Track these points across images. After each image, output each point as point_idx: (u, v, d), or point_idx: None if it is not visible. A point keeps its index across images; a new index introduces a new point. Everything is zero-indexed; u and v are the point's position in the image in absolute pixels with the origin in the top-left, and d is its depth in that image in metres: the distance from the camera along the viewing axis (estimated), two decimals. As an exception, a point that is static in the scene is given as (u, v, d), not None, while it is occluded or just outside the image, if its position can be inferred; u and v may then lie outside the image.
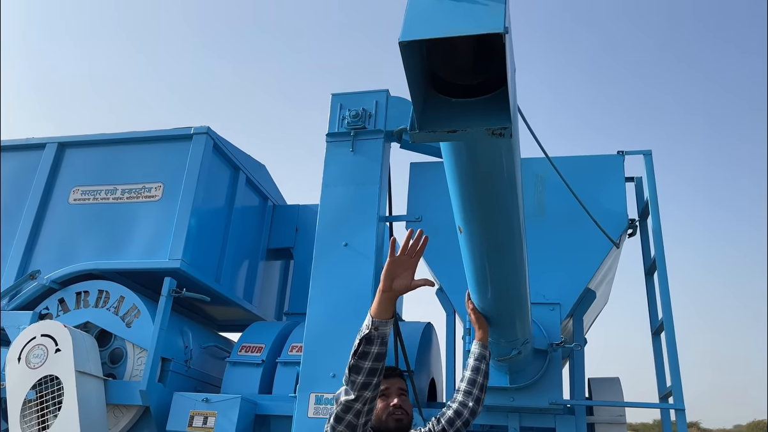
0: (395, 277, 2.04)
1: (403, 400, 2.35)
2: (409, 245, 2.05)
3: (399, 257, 2.05)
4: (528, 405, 3.51)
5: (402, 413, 2.32)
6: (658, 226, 3.83)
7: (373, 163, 4.10)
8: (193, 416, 3.92)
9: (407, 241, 2.04)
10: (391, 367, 2.42)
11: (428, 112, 1.84)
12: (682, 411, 3.35)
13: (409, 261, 2.06)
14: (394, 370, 2.45)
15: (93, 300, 4.44)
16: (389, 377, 2.37)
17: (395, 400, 2.33)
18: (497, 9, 1.66)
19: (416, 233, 2.06)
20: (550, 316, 3.62)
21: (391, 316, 2.06)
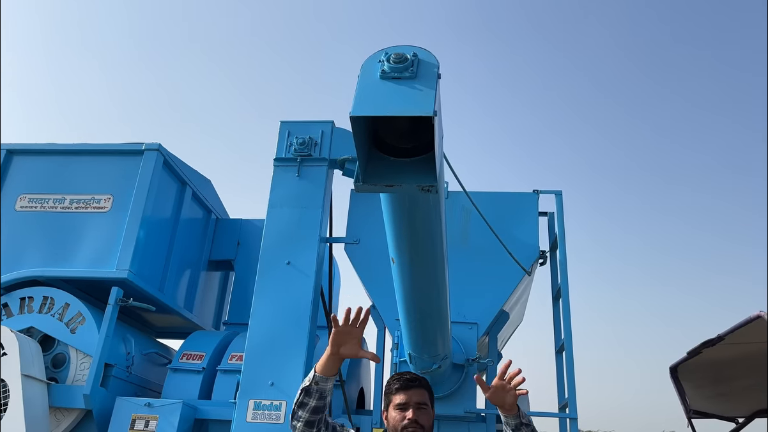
0: (341, 344, 2.17)
1: (419, 414, 2.27)
2: (350, 320, 2.17)
3: (343, 327, 2.16)
4: (446, 413, 3.97)
5: (416, 427, 2.25)
6: (564, 257, 4.39)
7: (317, 189, 4.46)
8: (135, 419, 4.15)
9: (347, 316, 2.17)
10: (414, 378, 2.38)
11: (370, 168, 2.26)
12: (574, 419, 3.89)
13: (354, 330, 2.17)
14: (415, 381, 2.37)
15: (37, 306, 4.59)
16: (409, 389, 2.33)
17: (410, 414, 2.27)
18: (429, 95, 2.10)
19: (355, 311, 2.17)
20: (468, 334, 4.10)
21: (334, 374, 2.20)
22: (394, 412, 2.31)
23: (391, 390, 2.35)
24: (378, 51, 2.30)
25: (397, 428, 2.27)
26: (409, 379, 2.35)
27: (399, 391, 2.32)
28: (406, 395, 2.30)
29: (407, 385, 2.32)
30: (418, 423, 2.26)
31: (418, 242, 2.62)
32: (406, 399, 2.30)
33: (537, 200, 4.58)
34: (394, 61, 2.18)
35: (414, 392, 2.32)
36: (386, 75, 2.17)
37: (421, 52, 2.25)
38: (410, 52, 2.24)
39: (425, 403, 2.32)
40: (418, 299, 3.00)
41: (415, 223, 2.49)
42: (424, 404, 2.31)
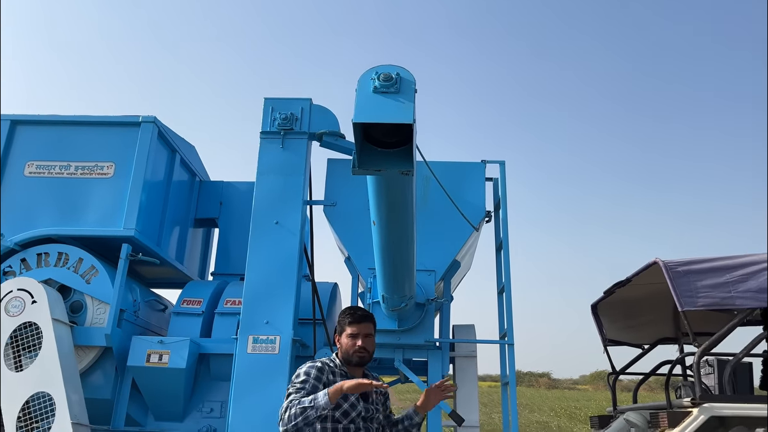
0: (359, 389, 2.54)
1: (367, 342, 2.80)
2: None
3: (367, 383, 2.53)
4: (409, 342, 4.92)
5: (364, 353, 2.79)
6: (505, 216, 5.34)
7: (299, 158, 5.21)
8: (150, 354, 4.95)
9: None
10: (364, 314, 2.88)
11: (363, 157, 3.08)
12: (511, 345, 4.91)
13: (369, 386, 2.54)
14: (365, 317, 2.86)
15: (53, 261, 5.25)
16: (360, 322, 2.83)
17: (360, 342, 2.79)
18: (409, 107, 2.92)
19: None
20: (428, 279, 5.02)
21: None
22: (347, 339, 2.82)
23: (345, 321, 2.86)
24: (369, 69, 3.09)
25: (349, 352, 2.80)
26: (361, 315, 2.86)
27: (351, 324, 2.84)
28: (357, 327, 2.82)
29: (358, 320, 2.84)
30: (366, 349, 2.80)
31: (395, 210, 3.46)
32: (357, 331, 2.81)
33: (484, 169, 5.47)
34: (382, 80, 2.98)
35: (363, 325, 2.83)
36: (377, 90, 2.96)
37: (402, 71, 3.05)
38: (394, 71, 3.03)
39: (371, 334, 2.86)
40: (393, 253, 3.86)
41: (394, 196, 3.32)
42: (369, 334, 2.85)
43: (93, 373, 5.09)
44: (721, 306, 4.72)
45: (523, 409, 18.29)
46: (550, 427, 15.88)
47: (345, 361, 2.85)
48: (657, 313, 6.33)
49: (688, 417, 4.44)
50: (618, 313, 6.43)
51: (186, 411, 5.15)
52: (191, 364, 5.01)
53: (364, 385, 2.52)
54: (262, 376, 4.58)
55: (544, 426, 16.03)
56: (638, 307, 6.31)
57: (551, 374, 35.07)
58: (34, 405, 4.53)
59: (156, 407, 5.13)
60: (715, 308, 4.76)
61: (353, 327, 2.84)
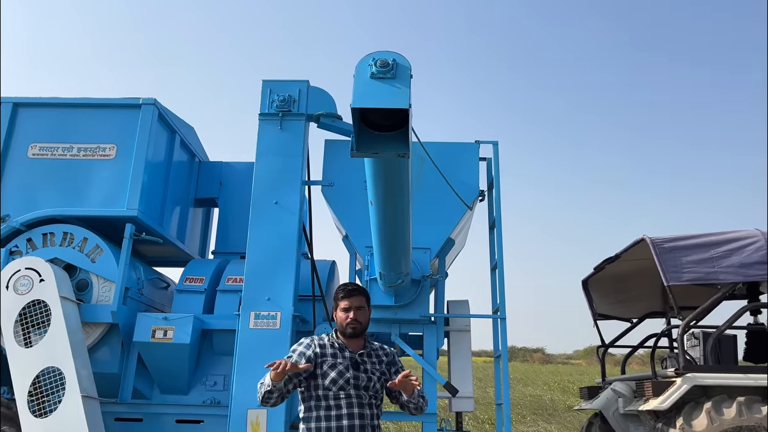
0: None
1: (359, 314, 2.98)
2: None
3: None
4: (405, 317, 5.10)
5: (356, 324, 2.97)
6: (498, 195, 5.49)
7: (297, 140, 5.34)
8: (155, 330, 5.12)
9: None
10: (354, 288, 3.05)
11: (361, 140, 3.21)
12: (504, 319, 5.10)
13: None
14: (356, 290, 3.04)
15: (58, 240, 5.39)
16: (351, 296, 3.00)
17: (352, 315, 2.97)
18: (405, 92, 3.05)
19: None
20: (423, 256, 5.18)
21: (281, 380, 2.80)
22: (341, 313, 2.99)
23: (338, 297, 3.03)
24: (367, 55, 3.22)
25: (343, 325, 2.98)
26: (351, 289, 3.02)
27: (343, 298, 3.01)
28: (348, 301, 2.99)
29: (349, 294, 3.01)
30: (357, 320, 2.98)
31: (391, 191, 3.60)
32: (349, 304, 2.99)
33: (478, 149, 5.60)
34: (379, 66, 3.10)
35: (354, 299, 3.00)
36: (375, 76, 3.09)
37: (398, 57, 3.18)
38: (390, 57, 3.16)
39: (362, 306, 3.02)
40: (389, 232, 4.01)
41: (390, 177, 3.46)
42: (361, 307, 3.01)
43: (100, 349, 5.26)
44: (705, 280, 4.91)
45: (517, 383, 18.65)
46: (543, 399, 16.19)
47: (342, 334, 3.02)
48: (645, 288, 6.53)
49: (672, 386, 4.65)
50: (608, 288, 6.64)
51: (190, 384, 5.34)
52: (195, 339, 5.18)
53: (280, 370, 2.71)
54: (263, 351, 4.76)
55: (537, 399, 16.34)
56: (627, 282, 6.51)
57: (545, 349, 35.61)
58: (45, 379, 4.71)
59: (161, 381, 5.32)
60: (700, 282, 4.95)
61: (345, 301, 3.01)
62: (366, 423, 2.92)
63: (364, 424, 2.91)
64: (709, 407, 4.52)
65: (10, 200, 5.54)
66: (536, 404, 15.25)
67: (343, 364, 2.95)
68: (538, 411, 14.55)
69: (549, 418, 13.86)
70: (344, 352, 3.00)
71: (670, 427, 4.55)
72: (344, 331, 3.01)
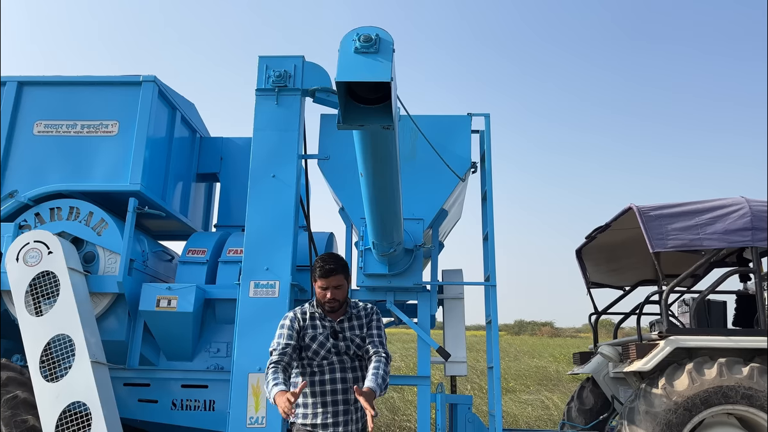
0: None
1: (336, 293, 3.11)
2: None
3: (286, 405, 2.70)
4: (399, 285, 5.28)
5: (334, 303, 3.13)
6: (489, 167, 5.62)
7: (293, 114, 5.47)
8: (160, 299, 5.33)
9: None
10: (330, 269, 3.12)
11: (347, 113, 3.36)
12: (494, 287, 5.28)
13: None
14: (332, 271, 3.12)
15: (65, 215, 5.59)
16: (327, 276, 3.10)
17: (329, 295, 3.11)
18: (386, 66, 3.18)
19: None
20: (416, 227, 5.34)
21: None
22: (318, 290, 3.14)
23: (315, 274, 3.15)
24: (351, 30, 3.34)
25: (321, 302, 3.15)
26: (328, 269, 3.10)
27: (320, 277, 3.12)
28: (325, 281, 3.10)
29: (326, 274, 3.10)
30: (335, 299, 3.12)
31: (379, 162, 3.75)
32: (326, 284, 3.11)
33: (470, 121, 5.72)
34: (363, 41, 3.23)
35: (331, 279, 3.10)
36: (358, 51, 3.22)
37: (381, 32, 3.30)
38: (374, 33, 3.28)
39: (340, 284, 3.12)
40: (379, 202, 4.17)
41: (378, 149, 3.61)
42: (339, 285, 3.12)
43: (108, 318, 5.49)
44: (689, 247, 5.05)
45: (524, 355, 18.95)
46: (548, 370, 16.46)
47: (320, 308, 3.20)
48: (637, 256, 6.69)
49: (655, 348, 4.83)
50: (601, 257, 6.80)
51: (195, 351, 5.57)
52: (198, 308, 5.39)
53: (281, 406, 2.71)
54: (263, 318, 4.97)
55: (542, 370, 16.61)
56: (619, 251, 6.67)
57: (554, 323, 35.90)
58: (56, 346, 4.94)
59: (167, 348, 5.55)
60: (684, 249, 5.09)
61: (322, 281, 3.13)
62: (348, 386, 3.15)
63: (347, 387, 3.15)
64: (690, 368, 4.70)
65: (17, 176, 5.73)
66: (541, 375, 15.51)
67: (323, 334, 3.16)
68: (543, 381, 14.82)
69: (553, 387, 14.13)
70: (324, 322, 3.19)
71: (653, 387, 4.73)
72: (321, 307, 3.20)
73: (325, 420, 3.12)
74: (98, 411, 4.69)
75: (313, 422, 3.13)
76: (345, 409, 3.15)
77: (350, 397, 3.17)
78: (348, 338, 3.20)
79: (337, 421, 3.12)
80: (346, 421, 3.13)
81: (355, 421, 3.19)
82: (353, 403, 3.18)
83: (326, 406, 3.14)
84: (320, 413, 3.13)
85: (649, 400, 4.67)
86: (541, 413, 11.04)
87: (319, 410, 3.13)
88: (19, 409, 4.75)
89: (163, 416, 5.45)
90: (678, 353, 4.88)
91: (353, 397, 3.17)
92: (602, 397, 6.18)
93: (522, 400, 12.07)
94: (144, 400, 5.49)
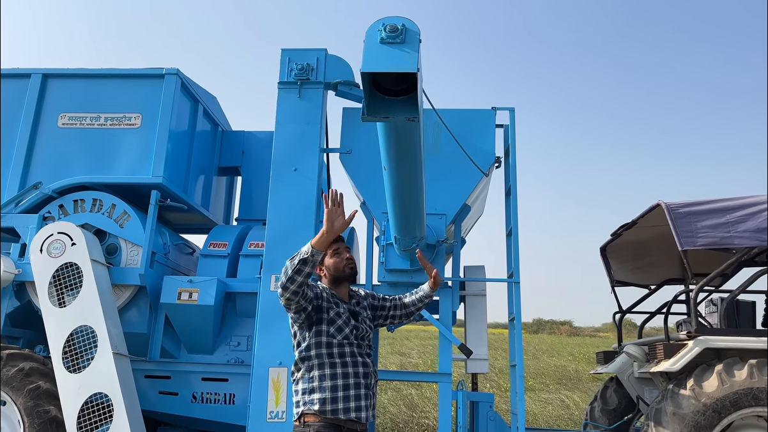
0: (334, 221, 2.85)
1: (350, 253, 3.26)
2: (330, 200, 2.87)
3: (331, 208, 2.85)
4: (420, 281, 5.20)
5: (353, 263, 3.20)
6: (514, 162, 5.53)
7: (315, 108, 5.43)
8: (181, 292, 5.33)
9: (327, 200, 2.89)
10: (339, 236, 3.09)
11: (372, 105, 3.30)
12: (517, 283, 5.19)
13: (338, 209, 2.86)
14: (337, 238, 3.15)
15: (89, 207, 5.61)
16: (338, 240, 3.14)
17: (348, 255, 3.19)
18: (413, 57, 3.12)
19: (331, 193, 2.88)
20: (439, 222, 5.27)
21: (325, 249, 2.87)
22: (333, 258, 3.12)
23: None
24: (377, 21, 3.28)
25: (340, 267, 3.13)
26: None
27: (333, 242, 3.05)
28: (336, 244, 3.15)
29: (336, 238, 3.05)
30: (353, 260, 3.14)
31: (403, 156, 3.69)
32: (338, 245, 3.16)
33: (494, 115, 5.63)
34: (389, 31, 3.17)
35: (340, 242, 3.18)
36: (384, 41, 3.16)
37: (408, 22, 3.24)
38: (400, 23, 3.22)
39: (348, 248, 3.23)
40: (402, 197, 4.11)
41: (402, 142, 3.55)
42: (348, 248, 3.22)
43: (129, 310, 5.52)
44: (720, 245, 4.92)
45: (543, 353, 18.78)
46: (567, 369, 16.30)
47: (335, 280, 3.17)
48: (663, 254, 6.55)
49: (683, 348, 4.71)
50: (626, 255, 6.67)
51: (215, 344, 5.57)
52: (219, 301, 5.38)
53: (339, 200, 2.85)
54: (284, 312, 4.80)
55: (561, 369, 16.46)
56: (645, 248, 6.54)
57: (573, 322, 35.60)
58: (78, 337, 4.97)
59: (188, 341, 5.56)
60: (714, 247, 4.96)
61: (334, 245, 3.13)
62: (369, 371, 3.08)
63: (368, 372, 3.07)
64: (720, 369, 4.57)
65: (41, 168, 5.78)
66: (560, 374, 15.37)
67: (345, 315, 3.09)
68: (562, 380, 14.67)
69: (572, 386, 13.98)
70: (341, 304, 3.14)
71: (681, 388, 4.62)
72: (342, 274, 3.15)
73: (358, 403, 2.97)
74: (120, 402, 4.70)
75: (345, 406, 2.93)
76: (366, 394, 3.03)
77: (371, 381, 3.09)
78: (365, 320, 3.19)
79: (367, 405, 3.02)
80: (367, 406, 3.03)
81: (373, 406, 3.13)
82: (372, 388, 3.11)
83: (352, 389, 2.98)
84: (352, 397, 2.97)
85: (677, 401, 4.56)
86: (561, 412, 10.92)
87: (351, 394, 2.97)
88: (41, 399, 4.78)
89: (183, 409, 5.45)
90: (706, 354, 4.76)
91: (373, 382, 3.10)
92: (626, 398, 6.06)
93: (542, 399, 11.96)
94: (165, 393, 5.50)
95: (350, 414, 2.93)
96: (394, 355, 15.87)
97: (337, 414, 2.92)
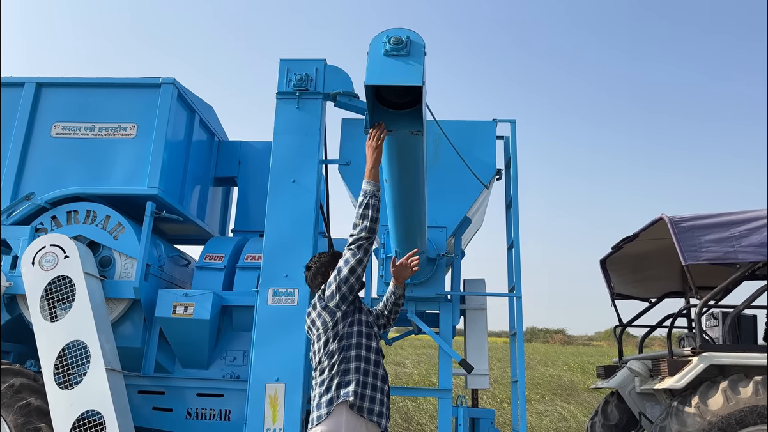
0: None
1: None
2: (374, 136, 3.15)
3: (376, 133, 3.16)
4: (421, 295, 5.14)
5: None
6: (515, 174, 5.47)
7: (314, 118, 5.35)
8: (176, 306, 5.23)
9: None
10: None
11: (375, 118, 3.23)
12: (519, 298, 5.12)
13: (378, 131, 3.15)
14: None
15: (82, 218, 5.50)
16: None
17: None
18: (418, 69, 3.05)
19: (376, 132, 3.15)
20: (439, 235, 5.20)
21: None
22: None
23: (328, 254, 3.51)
24: (381, 33, 3.22)
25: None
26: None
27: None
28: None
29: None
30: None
31: (406, 169, 3.62)
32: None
33: (495, 127, 5.58)
34: (393, 43, 3.11)
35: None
36: (388, 53, 3.10)
37: (412, 35, 3.18)
38: (404, 35, 3.16)
39: None
40: (404, 210, 4.04)
41: (405, 155, 3.48)
42: None
43: (123, 324, 5.40)
44: (723, 260, 4.86)
45: (537, 363, 18.69)
46: (562, 380, 16.22)
47: None
48: (664, 267, 6.49)
49: (688, 365, 4.64)
50: (626, 267, 6.61)
51: (210, 359, 5.46)
52: (214, 315, 5.28)
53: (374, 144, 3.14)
54: (281, 327, 4.84)
55: (556, 379, 16.38)
56: (645, 262, 6.47)
57: (566, 331, 35.62)
58: (70, 352, 4.85)
59: (183, 355, 5.44)
60: (718, 262, 4.91)
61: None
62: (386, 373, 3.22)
63: (385, 375, 3.20)
64: (725, 386, 4.50)
65: (34, 178, 5.67)
66: (555, 384, 15.27)
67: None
68: (558, 391, 14.58)
69: (568, 398, 13.88)
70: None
71: (685, 405, 4.54)
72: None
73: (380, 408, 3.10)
74: (113, 420, 4.58)
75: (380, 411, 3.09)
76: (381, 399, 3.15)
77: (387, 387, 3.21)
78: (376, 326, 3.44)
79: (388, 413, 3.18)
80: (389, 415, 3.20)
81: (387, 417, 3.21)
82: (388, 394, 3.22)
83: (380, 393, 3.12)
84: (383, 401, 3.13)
85: (682, 419, 4.48)
86: (559, 425, 10.83)
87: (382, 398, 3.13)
88: (32, 416, 4.66)
89: (177, 425, 5.33)
90: (710, 370, 4.69)
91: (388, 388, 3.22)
92: (628, 413, 5.98)
93: (539, 411, 11.86)
94: (159, 409, 5.38)
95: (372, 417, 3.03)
96: (388, 365, 15.75)
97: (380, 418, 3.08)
